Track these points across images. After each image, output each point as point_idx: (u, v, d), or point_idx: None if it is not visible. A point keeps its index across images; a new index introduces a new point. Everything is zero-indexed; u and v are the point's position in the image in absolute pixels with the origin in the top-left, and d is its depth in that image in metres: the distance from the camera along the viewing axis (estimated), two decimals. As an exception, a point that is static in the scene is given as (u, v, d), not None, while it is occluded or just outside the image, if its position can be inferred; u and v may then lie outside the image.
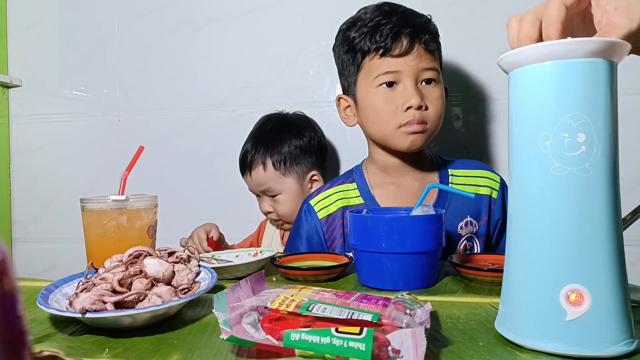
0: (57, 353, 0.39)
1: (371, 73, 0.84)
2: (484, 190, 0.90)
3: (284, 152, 1.08)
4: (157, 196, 0.73)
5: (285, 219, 1.11)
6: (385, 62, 0.82)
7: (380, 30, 0.82)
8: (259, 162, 1.08)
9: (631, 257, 0.53)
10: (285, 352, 0.38)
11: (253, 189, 1.13)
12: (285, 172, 1.08)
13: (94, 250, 0.69)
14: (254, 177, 1.09)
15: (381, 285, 0.61)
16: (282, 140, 1.08)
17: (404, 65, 0.82)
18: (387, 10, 0.86)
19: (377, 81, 0.83)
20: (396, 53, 0.82)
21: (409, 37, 0.82)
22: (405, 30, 0.82)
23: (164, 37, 1.31)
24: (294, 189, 1.09)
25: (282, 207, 1.09)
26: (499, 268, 0.60)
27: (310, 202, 0.93)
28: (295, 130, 1.11)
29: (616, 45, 0.37)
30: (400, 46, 0.81)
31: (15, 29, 1.38)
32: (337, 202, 0.91)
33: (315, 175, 1.11)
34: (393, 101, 0.82)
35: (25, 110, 1.38)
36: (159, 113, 1.32)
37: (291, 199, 1.08)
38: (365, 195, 0.90)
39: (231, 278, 0.69)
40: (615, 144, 0.38)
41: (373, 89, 0.84)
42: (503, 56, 0.41)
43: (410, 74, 0.82)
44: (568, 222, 0.38)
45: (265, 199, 1.11)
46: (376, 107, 0.84)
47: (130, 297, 0.46)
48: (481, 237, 0.89)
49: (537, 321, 0.39)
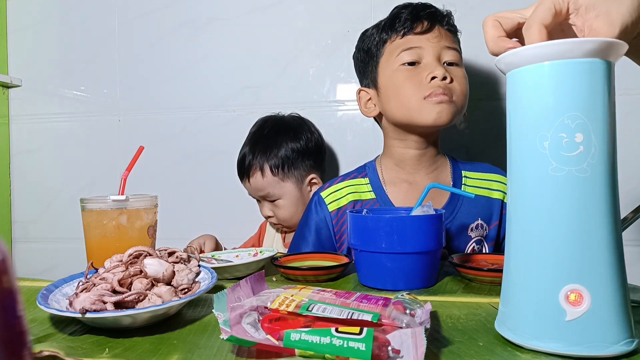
0: (57, 353, 0.39)
1: (393, 54, 0.83)
2: (497, 195, 0.89)
3: (281, 155, 1.06)
4: (157, 196, 0.73)
5: (285, 223, 1.11)
6: (407, 40, 0.82)
7: (399, 16, 0.83)
8: (257, 168, 1.07)
9: (631, 257, 0.54)
10: (285, 352, 0.38)
11: (252, 194, 1.13)
12: (283, 177, 1.07)
13: (94, 250, 0.69)
14: (252, 183, 1.09)
15: (381, 285, 0.61)
16: (279, 144, 1.07)
17: (425, 42, 0.81)
18: (405, 4, 0.87)
19: (399, 60, 0.82)
20: (418, 31, 0.81)
21: (429, 18, 0.82)
22: (424, 13, 0.82)
23: (164, 37, 1.31)
24: (294, 194, 1.08)
25: (282, 211, 1.09)
26: (499, 268, 0.60)
27: (321, 194, 0.92)
28: (292, 133, 1.10)
29: (613, 45, 0.37)
30: (422, 26, 0.81)
31: (15, 29, 1.38)
32: (348, 196, 0.90)
33: (315, 179, 1.10)
34: (416, 76, 0.81)
35: (25, 110, 1.38)
36: (159, 113, 1.32)
37: (291, 203, 1.08)
38: (377, 191, 0.90)
39: (231, 278, 0.69)
40: (614, 144, 0.38)
41: (395, 68, 0.83)
42: (501, 57, 0.41)
43: (433, 51, 0.81)
44: (567, 222, 0.38)
45: (265, 203, 1.11)
46: (399, 85, 0.82)
47: (130, 297, 0.46)
48: (490, 241, 0.88)
49: (536, 321, 0.39)
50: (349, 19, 1.22)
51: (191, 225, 1.16)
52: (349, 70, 1.23)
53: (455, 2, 1.17)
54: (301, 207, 1.07)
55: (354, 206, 0.90)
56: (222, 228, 1.19)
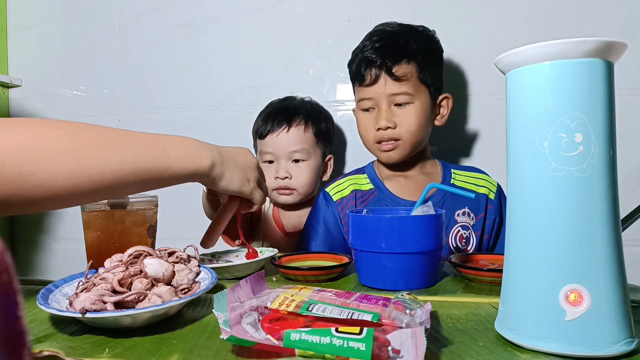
0: (57, 353, 0.39)
1: (357, 96, 0.99)
2: (482, 190, 0.97)
3: (323, 126, 1.08)
4: (157, 196, 0.73)
5: (298, 189, 1.05)
6: (362, 90, 0.96)
7: (358, 60, 0.95)
8: (302, 121, 1.04)
9: (631, 257, 0.54)
10: (285, 352, 0.38)
11: (276, 151, 1.05)
12: (318, 142, 1.07)
13: (94, 250, 0.69)
14: (290, 133, 1.03)
15: (381, 285, 0.61)
16: (321, 117, 1.10)
17: (374, 93, 0.94)
18: (376, 38, 0.95)
19: (359, 105, 0.98)
20: (367, 83, 0.94)
21: (377, 67, 0.92)
22: (376, 61, 0.92)
23: (164, 37, 1.31)
24: (317, 163, 1.07)
25: (302, 175, 1.04)
26: (499, 268, 0.60)
27: (326, 190, 1.03)
28: (326, 115, 1.13)
29: (613, 45, 0.37)
30: (370, 77, 0.93)
31: (15, 29, 1.38)
32: (350, 187, 1.01)
33: (331, 160, 1.11)
34: (370, 121, 0.96)
35: (25, 110, 1.38)
36: (159, 113, 1.32)
37: (312, 170, 1.06)
38: (375, 183, 1.00)
39: (231, 278, 0.69)
40: (613, 144, 0.38)
41: (359, 112, 0.99)
42: (501, 57, 0.41)
43: (383, 99, 0.93)
44: (567, 222, 0.38)
45: (286, 163, 1.04)
46: (360, 126, 0.99)
47: (130, 297, 0.46)
48: (477, 230, 0.95)
49: (536, 321, 0.39)
50: (349, 19, 1.22)
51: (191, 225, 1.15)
52: (349, 70, 1.23)
53: (455, 2, 1.17)
54: (315, 182, 1.08)
55: (355, 195, 0.99)
56: (222, 228, 1.18)
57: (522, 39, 0.88)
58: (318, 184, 1.11)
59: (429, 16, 1.18)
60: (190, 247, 0.63)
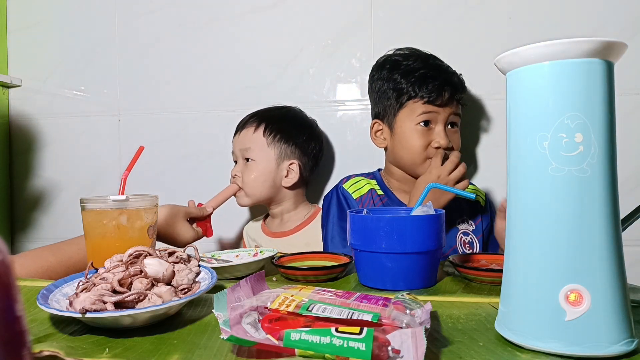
0: (57, 353, 0.39)
1: (414, 112, 1.00)
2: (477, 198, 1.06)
3: (280, 126, 1.10)
4: (157, 196, 0.73)
5: (245, 188, 1.09)
6: (427, 107, 0.99)
7: (427, 83, 0.98)
8: (253, 123, 1.11)
9: (631, 257, 0.53)
10: (285, 352, 0.38)
11: (235, 151, 1.14)
12: (270, 143, 1.09)
13: (94, 250, 0.69)
14: (241, 136, 1.11)
15: (381, 285, 0.61)
16: (285, 119, 1.12)
17: (441, 110, 0.99)
18: (432, 64, 1.02)
19: (417, 119, 0.99)
20: (438, 103, 0.98)
21: (449, 93, 0.99)
22: (448, 88, 0.99)
23: (164, 37, 1.31)
24: (269, 166, 1.09)
25: (249, 175, 1.09)
26: (499, 268, 0.60)
27: (342, 186, 1.07)
28: (300, 120, 1.14)
29: (613, 45, 0.37)
30: (442, 98, 0.98)
31: (15, 29, 1.38)
32: (366, 186, 1.07)
33: (293, 165, 1.10)
34: (427, 137, 0.99)
35: (25, 110, 1.38)
36: (159, 113, 1.32)
37: (261, 172, 1.09)
38: (384, 191, 1.07)
39: (231, 278, 0.69)
40: (613, 144, 0.38)
41: (412, 125, 1.00)
42: (500, 56, 0.41)
43: (443, 118, 1.00)
44: (567, 222, 0.38)
45: (240, 162, 1.12)
46: (412, 141, 1.00)
47: (130, 297, 0.46)
48: (477, 234, 1.04)
49: (536, 321, 0.39)
50: (349, 19, 1.22)
51: (191, 225, 1.15)
52: (349, 70, 1.23)
53: (455, 2, 1.17)
54: (267, 185, 1.09)
55: (372, 194, 1.05)
56: (222, 228, 1.19)
57: (522, 39, 0.89)
58: (274, 188, 1.11)
59: (429, 16, 1.18)
60: (190, 247, 0.63)
